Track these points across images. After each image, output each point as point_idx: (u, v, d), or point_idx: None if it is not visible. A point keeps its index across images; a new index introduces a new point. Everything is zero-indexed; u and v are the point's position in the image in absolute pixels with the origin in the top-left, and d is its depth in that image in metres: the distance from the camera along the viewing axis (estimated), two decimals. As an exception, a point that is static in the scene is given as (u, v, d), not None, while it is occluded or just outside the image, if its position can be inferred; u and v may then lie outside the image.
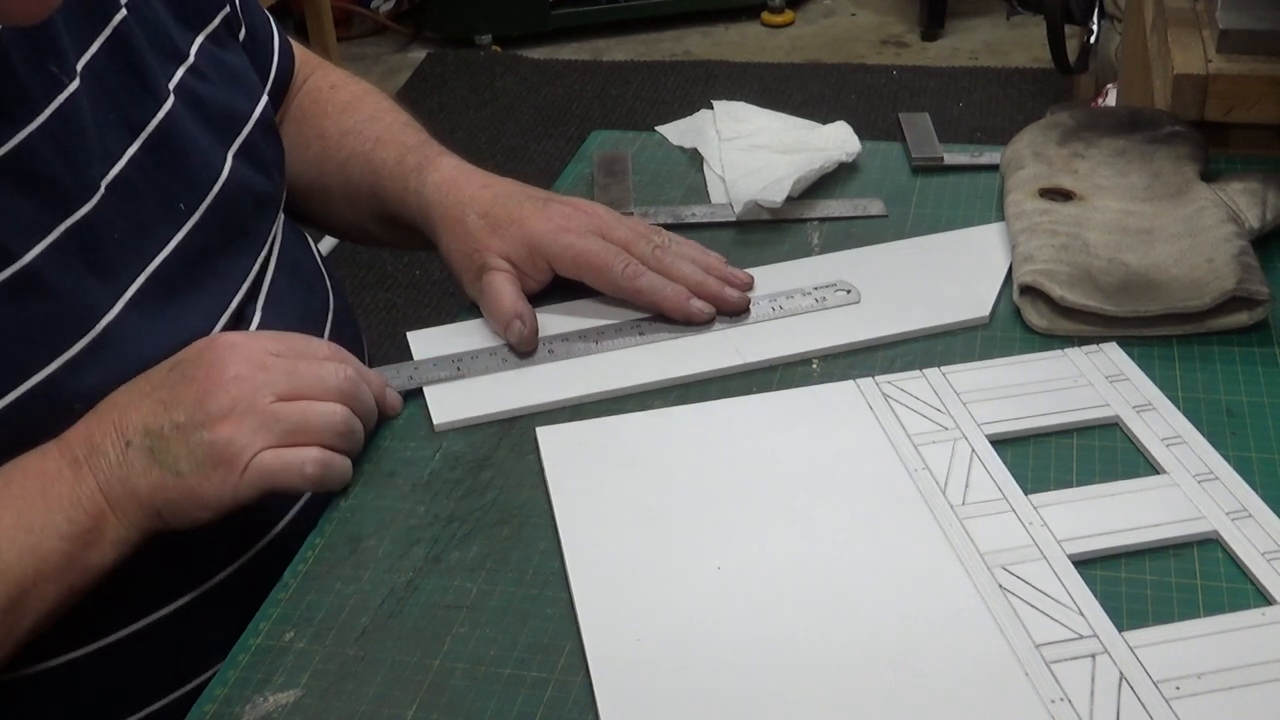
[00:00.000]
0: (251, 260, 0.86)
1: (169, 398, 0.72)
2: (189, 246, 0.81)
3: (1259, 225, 0.91)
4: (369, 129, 0.99)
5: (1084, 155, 0.99)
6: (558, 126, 3.09)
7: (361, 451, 0.80)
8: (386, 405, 0.80)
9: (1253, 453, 0.75)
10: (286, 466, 0.72)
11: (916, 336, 0.87)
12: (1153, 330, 0.84)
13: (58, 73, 0.74)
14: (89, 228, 0.74)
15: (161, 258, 0.79)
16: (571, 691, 0.64)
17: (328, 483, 0.74)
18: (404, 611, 0.69)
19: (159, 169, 0.80)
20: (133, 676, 0.78)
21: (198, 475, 0.71)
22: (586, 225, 0.88)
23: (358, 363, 0.79)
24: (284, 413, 0.72)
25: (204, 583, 0.79)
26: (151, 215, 0.79)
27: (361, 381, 0.77)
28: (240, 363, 0.73)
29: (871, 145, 1.09)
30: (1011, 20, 3.47)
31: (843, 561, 0.69)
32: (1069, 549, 0.68)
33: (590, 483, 0.76)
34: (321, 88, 1.04)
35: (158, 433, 0.71)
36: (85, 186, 0.75)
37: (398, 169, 0.95)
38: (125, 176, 0.78)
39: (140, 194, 0.78)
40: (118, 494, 0.71)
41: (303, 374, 0.74)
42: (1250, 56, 1.07)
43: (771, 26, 3.59)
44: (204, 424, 0.71)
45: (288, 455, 0.72)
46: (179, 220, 0.81)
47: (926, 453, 0.76)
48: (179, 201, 0.81)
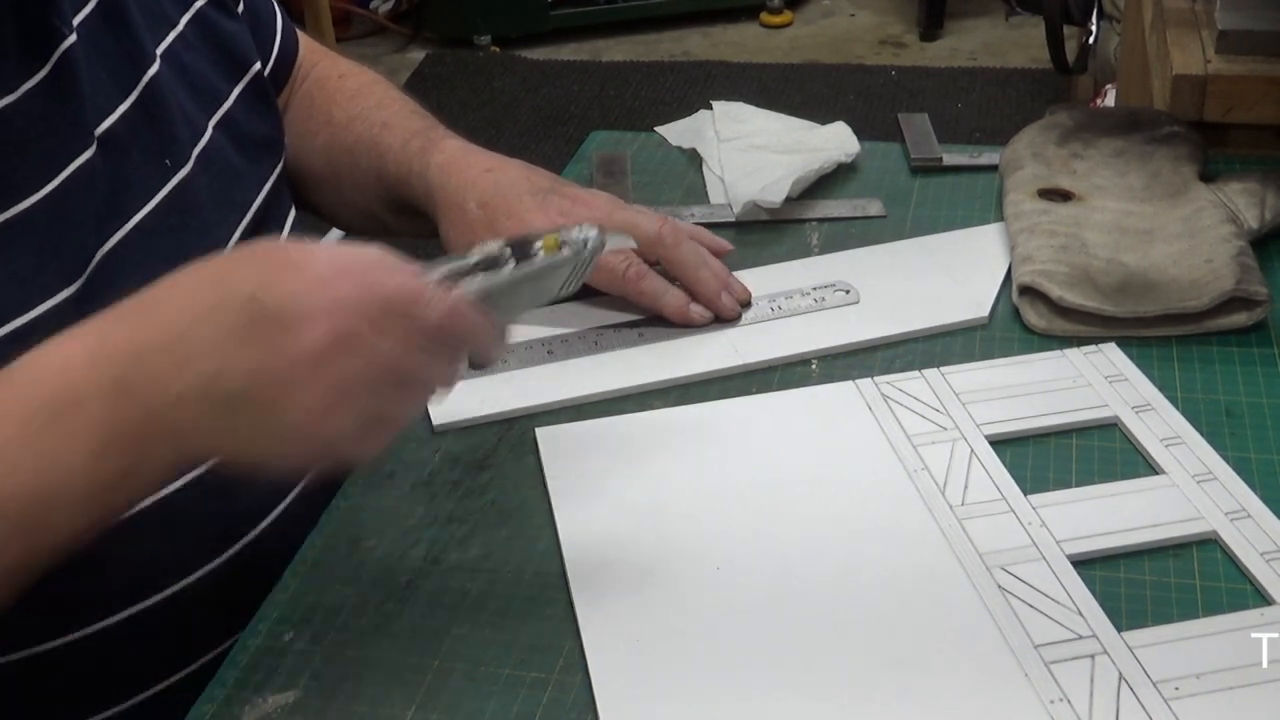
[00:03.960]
0: (234, 228, 0.85)
1: (238, 357, 0.59)
2: (174, 202, 0.80)
3: (1258, 226, 0.91)
4: (376, 115, 0.99)
5: (1083, 156, 0.99)
6: (557, 127, 3.09)
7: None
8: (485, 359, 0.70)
9: (1251, 453, 0.75)
10: (351, 461, 0.71)
11: (915, 337, 0.87)
12: (1152, 331, 0.84)
13: (59, 25, 0.74)
14: (87, 176, 0.73)
15: (146, 210, 0.78)
16: (571, 692, 0.64)
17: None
18: (403, 612, 0.69)
19: (148, 127, 0.79)
20: (116, 667, 0.78)
21: (269, 445, 0.61)
22: (586, 221, 0.88)
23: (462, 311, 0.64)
24: (372, 409, 0.61)
25: (188, 576, 0.79)
26: (139, 170, 0.78)
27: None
28: (341, 322, 0.59)
29: (870, 146, 1.09)
30: (1010, 21, 3.47)
31: (842, 562, 0.69)
32: (1068, 549, 0.68)
33: (590, 483, 0.76)
34: (330, 76, 1.04)
35: (233, 388, 0.59)
36: (82, 137, 0.74)
37: (403, 152, 0.95)
38: (115, 131, 0.77)
39: (128, 150, 0.77)
40: (166, 432, 0.59)
41: (406, 371, 0.62)
42: (1249, 57, 1.07)
43: (770, 27, 3.59)
44: (288, 405, 0.59)
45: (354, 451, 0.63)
46: (165, 176, 0.80)
47: (925, 453, 0.76)
48: (165, 158, 0.80)
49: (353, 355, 0.59)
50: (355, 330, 0.59)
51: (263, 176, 0.90)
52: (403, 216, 0.99)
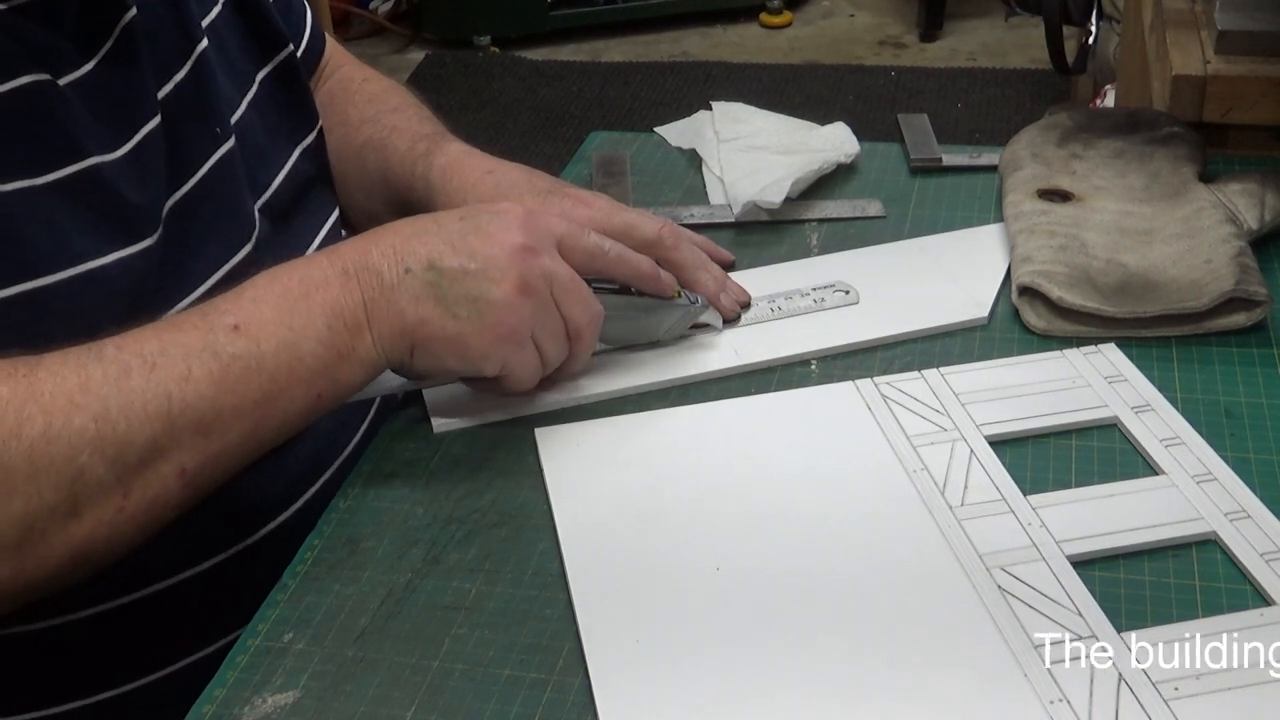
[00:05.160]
0: (254, 203, 0.87)
1: (459, 243, 0.74)
2: (222, 169, 0.83)
3: (1257, 226, 0.91)
4: (387, 119, 1.01)
5: (1082, 156, 0.99)
6: (556, 127, 3.09)
7: (360, 452, 0.80)
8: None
9: (1251, 453, 0.75)
10: (527, 376, 0.78)
11: (915, 337, 0.87)
12: (1151, 331, 0.84)
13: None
14: (154, 142, 0.77)
15: (201, 174, 0.81)
16: (570, 693, 0.64)
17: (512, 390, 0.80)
18: (403, 612, 0.69)
19: (198, 97, 0.82)
20: (121, 648, 0.78)
21: (472, 324, 0.74)
22: (585, 222, 0.88)
23: (623, 251, 0.82)
24: (542, 315, 0.76)
25: (197, 564, 0.80)
26: (193, 136, 0.81)
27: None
28: (533, 237, 0.76)
29: (870, 146, 1.09)
30: (1010, 21, 3.47)
31: (841, 562, 0.69)
32: (1067, 550, 0.68)
33: (589, 484, 0.76)
34: (354, 79, 1.06)
35: (444, 269, 0.73)
36: (149, 104, 0.78)
37: (408, 155, 0.96)
38: (170, 99, 0.80)
39: (182, 118, 0.80)
40: (382, 314, 0.73)
41: (574, 294, 0.77)
42: (1248, 57, 1.07)
43: (770, 27, 3.59)
44: (496, 280, 0.74)
45: (518, 357, 0.77)
46: (216, 142, 0.83)
47: (925, 454, 0.76)
48: (215, 125, 0.83)
49: (539, 258, 0.75)
50: (542, 247, 0.76)
51: (282, 159, 0.91)
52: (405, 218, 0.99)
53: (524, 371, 0.77)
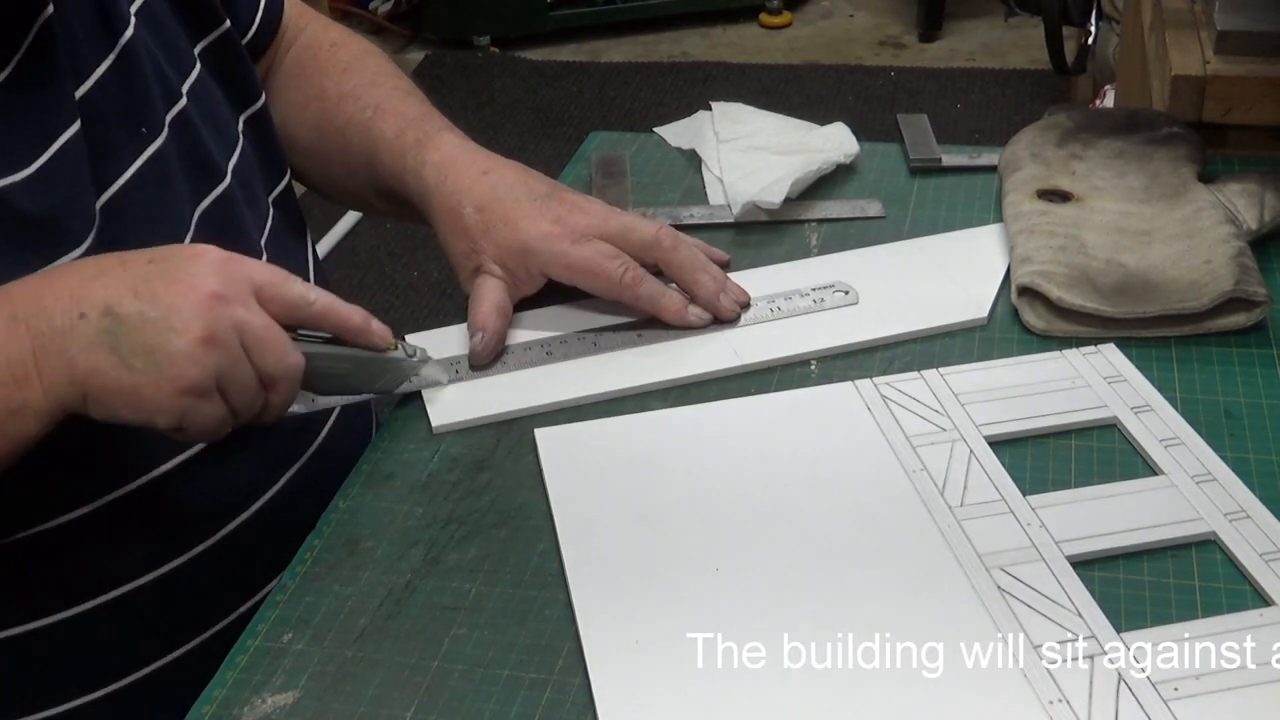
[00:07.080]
0: (200, 200, 0.84)
1: (143, 288, 0.68)
2: (148, 172, 0.80)
3: (1257, 226, 0.91)
4: (369, 95, 0.96)
5: (1082, 156, 0.99)
6: (556, 128, 3.09)
7: (360, 453, 0.80)
8: (373, 336, 0.79)
9: (1250, 454, 0.75)
10: (210, 429, 0.71)
11: (915, 338, 0.87)
12: (1150, 331, 0.84)
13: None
14: (75, 148, 0.74)
15: (124, 179, 0.78)
16: (570, 693, 0.64)
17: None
18: (402, 613, 0.69)
19: (123, 92, 0.79)
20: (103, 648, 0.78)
21: (149, 376, 0.67)
22: (582, 228, 0.87)
23: (331, 302, 0.76)
24: (226, 364, 0.70)
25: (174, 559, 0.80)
26: (117, 135, 0.78)
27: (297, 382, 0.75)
28: (226, 285, 0.70)
29: (869, 146, 1.09)
30: (1009, 21, 3.47)
31: (841, 563, 0.69)
32: (1067, 550, 0.68)
33: (588, 484, 0.76)
34: (321, 44, 1.01)
35: (122, 316, 0.67)
36: (65, 110, 0.75)
37: (397, 144, 0.92)
38: (93, 96, 0.77)
39: (106, 116, 0.77)
40: (52, 363, 0.67)
41: (269, 345, 0.71)
42: (1248, 58, 1.07)
43: (769, 28, 3.59)
44: (179, 330, 0.68)
45: (200, 410, 0.70)
46: (141, 144, 0.80)
47: (925, 454, 0.76)
48: (141, 125, 0.80)
49: (230, 307, 0.69)
50: (235, 296, 0.70)
51: (229, 148, 0.88)
52: (393, 204, 0.97)
53: (206, 425, 0.71)
